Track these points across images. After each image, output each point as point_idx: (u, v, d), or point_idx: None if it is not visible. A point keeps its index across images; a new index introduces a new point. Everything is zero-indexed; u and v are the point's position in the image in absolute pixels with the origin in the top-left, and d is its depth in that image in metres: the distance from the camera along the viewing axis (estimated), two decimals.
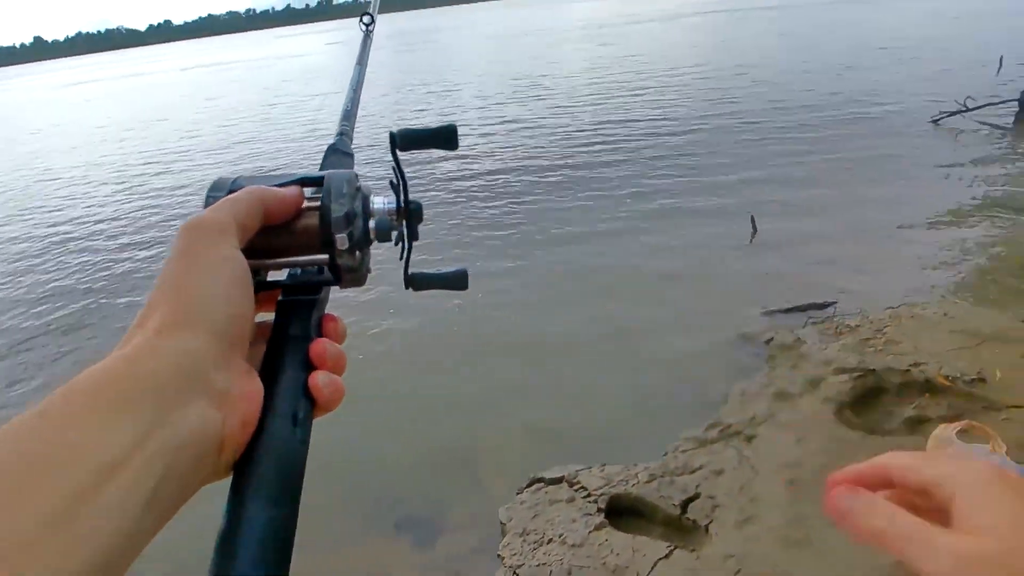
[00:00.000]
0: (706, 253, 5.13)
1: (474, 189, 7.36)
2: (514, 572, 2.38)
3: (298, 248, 0.45)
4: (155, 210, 8.01)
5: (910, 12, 20.90)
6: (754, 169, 6.96)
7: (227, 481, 0.36)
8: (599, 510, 2.56)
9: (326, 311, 0.47)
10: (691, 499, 2.54)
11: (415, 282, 0.52)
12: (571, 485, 2.73)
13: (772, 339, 3.71)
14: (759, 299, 4.21)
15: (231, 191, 0.44)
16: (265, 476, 0.36)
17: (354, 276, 0.46)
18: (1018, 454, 2.36)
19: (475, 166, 8.23)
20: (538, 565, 2.37)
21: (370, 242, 0.47)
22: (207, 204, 0.43)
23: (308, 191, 0.48)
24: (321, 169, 0.56)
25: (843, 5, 25.62)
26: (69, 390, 0.32)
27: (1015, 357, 3.07)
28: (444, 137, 0.52)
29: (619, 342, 3.99)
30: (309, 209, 0.46)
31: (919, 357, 3.14)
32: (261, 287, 0.45)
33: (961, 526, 0.35)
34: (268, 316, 0.45)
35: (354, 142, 0.62)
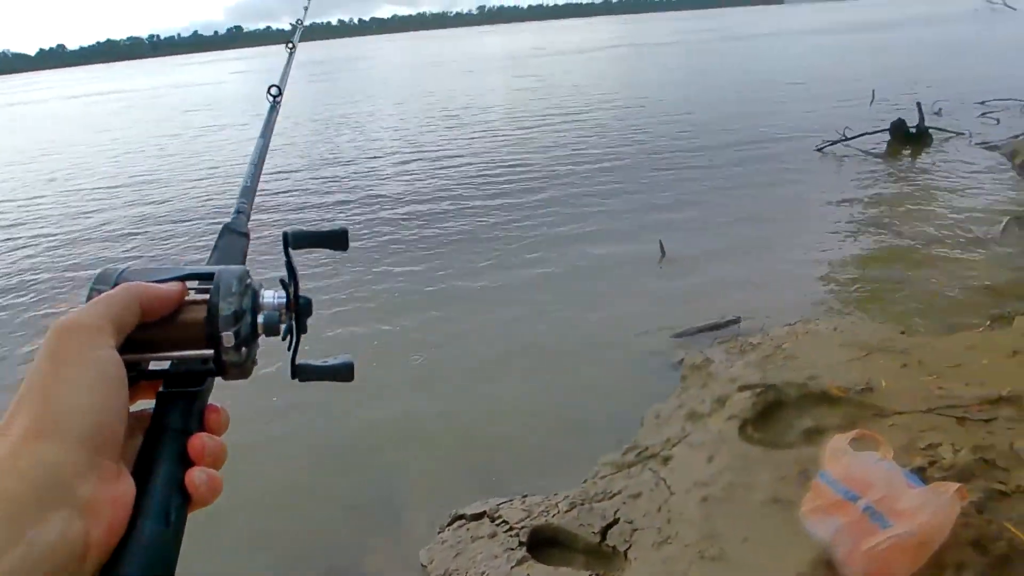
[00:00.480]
0: (617, 278, 5.30)
1: (388, 224, 7.29)
2: None
3: (182, 342, 0.45)
4: (30, 272, 7.19)
5: (791, 50, 22.78)
6: (660, 199, 7.31)
7: None
8: (521, 543, 2.54)
9: (209, 401, 0.47)
10: (610, 525, 2.56)
11: (301, 373, 0.52)
12: (492, 520, 2.70)
13: (683, 359, 3.86)
14: (670, 321, 4.37)
15: (115, 284, 0.44)
16: None
17: (239, 370, 0.46)
18: (903, 457, 2.55)
19: (389, 201, 8.17)
20: None
21: (257, 336, 0.48)
22: (89, 296, 0.43)
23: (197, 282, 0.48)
24: (215, 249, 0.57)
25: (731, 43, 27.61)
26: None
27: (897, 366, 3.33)
28: (335, 239, 0.54)
29: (537, 370, 4.02)
30: (196, 303, 0.46)
31: (814, 370, 3.34)
32: (142, 376, 0.45)
33: None
34: (150, 403, 0.44)
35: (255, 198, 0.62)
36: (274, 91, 0.85)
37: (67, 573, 0.34)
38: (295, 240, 0.52)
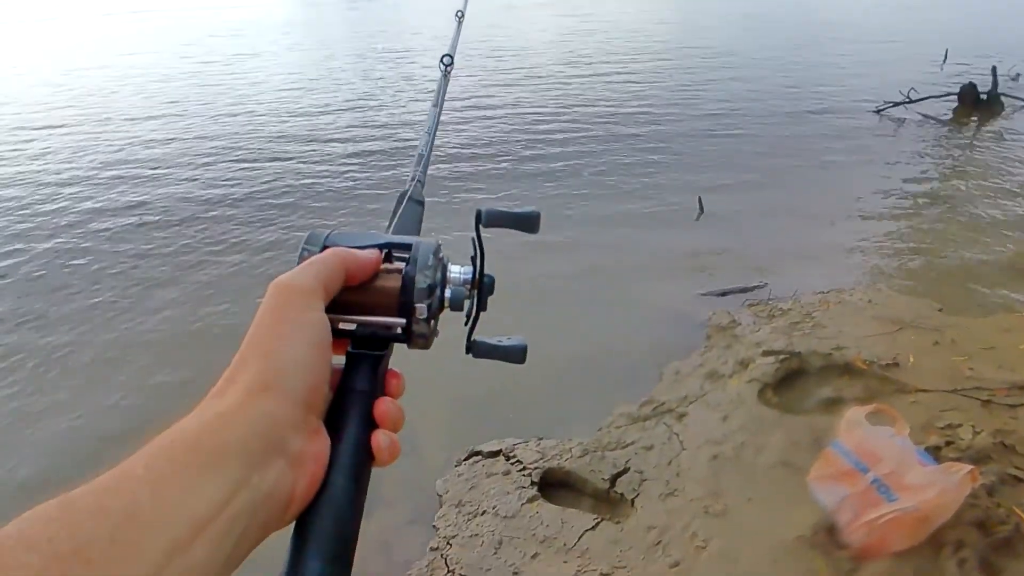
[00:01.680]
0: (652, 232, 5.24)
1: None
2: (447, 542, 2.45)
3: (375, 308, 0.47)
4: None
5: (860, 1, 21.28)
6: (704, 154, 7.10)
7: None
8: (532, 483, 2.65)
9: (390, 366, 0.49)
10: (620, 473, 2.65)
11: (476, 349, 0.54)
12: (507, 458, 2.81)
13: (710, 319, 3.85)
14: (700, 279, 4.35)
15: (324, 247, 0.47)
16: (324, 533, 0.39)
17: (424, 341, 0.48)
18: (920, 435, 2.55)
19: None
20: (471, 536, 2.44)
21: (442, 310, 0.49)
22: (301, 256, 0.46)
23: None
24: (394, 216, 0.59)
25: None
26: (170, 444, 0.35)
27: (928, 344, 3.28)
28: (526, 221, 0.54)
29: (562, 318, 4.07)
30: (389, 271, 0.48)
31: (841, 341, 3.32)
32: (333, 335, 0.46)
33: None
34: (336, 358, 0.46)
35: None
36: (447, 60, 0.85)
37: (275, 519, 0.38)
38: (488, 219, 0.53)
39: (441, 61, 0.85)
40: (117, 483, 0.32)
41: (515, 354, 0.54)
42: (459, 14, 1.12)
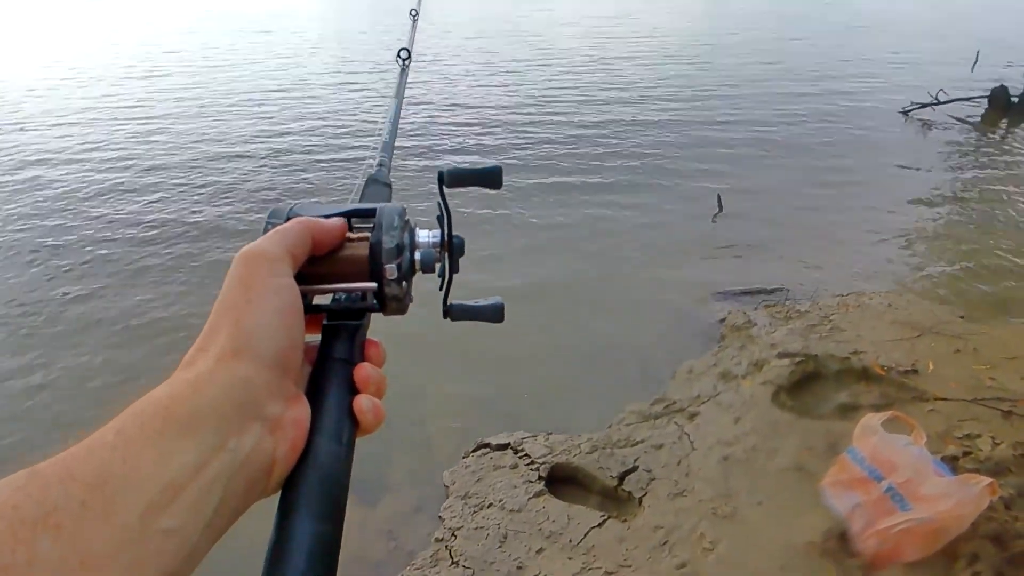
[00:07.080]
0: (670, 227, 5.19)
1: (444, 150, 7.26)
2: (452, 533, 2.45)
3: (345, 276, 0.47)
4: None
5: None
6: (727, 152, 7.00)
7: (274, 498, 0.39)
8: (540, 478, 2.64)
9: (367, 336, 0.49)
10: (629, 471, 2.63)
11: (453, 313, 0.54)
12: (516, 452, 2.80)
13: (725, 319, 3.80)
14: (717, 279, 4.29)
15: (287, 219, 0.47)
16: (311, 493, 0.38)
17: (398, 305, 0.48)
18: (937, 444, 2.50)
19: (448, 139, 8.10)
20: (476, 528, 2.44)
21: (414, 273, 0.49)
22: (265, 230, 0.46)
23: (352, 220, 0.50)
24: (361, 198, 0.61)
25: None
26: (140, 411, 0.34)
27: (949, 351, 3.21)
28: (489, 177, 0.54)
29: (576, 314, 4.04)
30: (357, 239, 0.48)
31: (859, 345, 3.26)
32: (307, 310, 0.46)
33: None
34: (312, 337, 0.47)
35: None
36: (404, 55, 0.88)
37: (258, 485, 0.37)
38: (450, 179, 0.52)
39: (398, 56, 0.88)
40: (87, 451, 0.31)
41: (492, 313, 0.54)
42: (413, 13, 1.16)
